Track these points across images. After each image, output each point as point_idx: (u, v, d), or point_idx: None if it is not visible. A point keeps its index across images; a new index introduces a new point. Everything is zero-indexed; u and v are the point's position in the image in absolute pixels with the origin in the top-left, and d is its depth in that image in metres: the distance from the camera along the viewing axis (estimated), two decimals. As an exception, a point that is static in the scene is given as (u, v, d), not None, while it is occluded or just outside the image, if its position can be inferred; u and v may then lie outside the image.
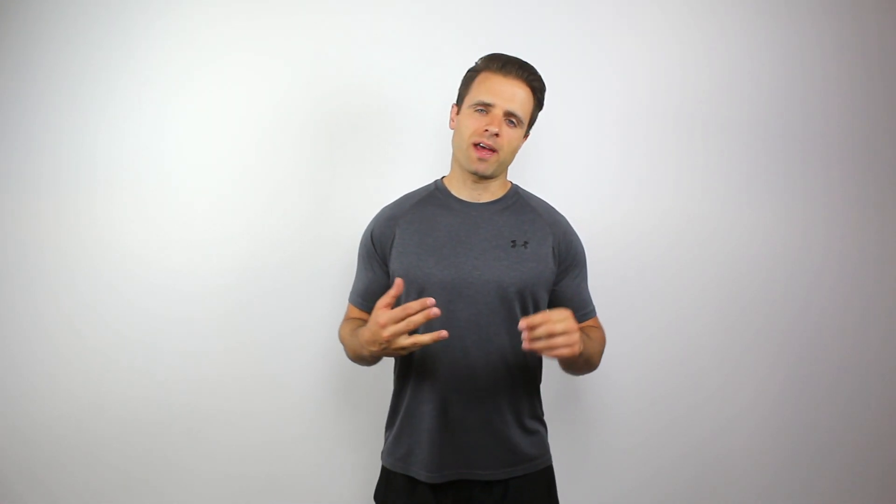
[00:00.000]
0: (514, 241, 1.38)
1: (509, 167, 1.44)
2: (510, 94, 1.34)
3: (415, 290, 1.36)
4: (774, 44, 1.82)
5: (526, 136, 1.43)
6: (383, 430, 1.48)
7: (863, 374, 1.81)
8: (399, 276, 1.37)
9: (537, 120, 1.44)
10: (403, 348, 1.19)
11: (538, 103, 1.41)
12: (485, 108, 1.34)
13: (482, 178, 1.39)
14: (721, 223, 1.81)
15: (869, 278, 1.82)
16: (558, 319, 1.16)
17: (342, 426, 1.83)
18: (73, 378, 1.78)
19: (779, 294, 1.82)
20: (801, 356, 1.82)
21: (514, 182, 1.49)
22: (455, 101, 1.44)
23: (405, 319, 1.17)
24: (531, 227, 1.40)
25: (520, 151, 1.42)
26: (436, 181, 1.48)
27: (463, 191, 1.42)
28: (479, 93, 1.35)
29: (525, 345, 1.17)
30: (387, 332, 1.18)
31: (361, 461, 1.79)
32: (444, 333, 1.18)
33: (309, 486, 1.82)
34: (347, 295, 1.52)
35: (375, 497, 1.45)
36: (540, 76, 1.39)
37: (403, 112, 1.79)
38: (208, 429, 1.80)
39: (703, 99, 1.81)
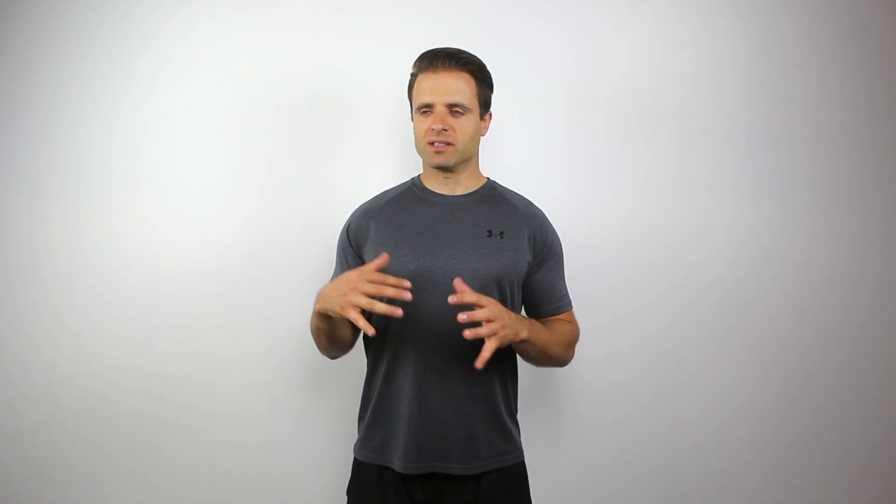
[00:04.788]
0: (490, 231, 1.39)
1: (483, 160, 1.46)
2: (444, 87, 1.35)
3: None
4: (768, 36, 1.82)
5: (486, 117, 1.44)
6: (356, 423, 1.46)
7: (861, 377, 1.81)
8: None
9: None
10: (355, 307, 1.17)
11: (482, 82, 1.40)
12: (427, 108, 1.37)
13: (448, 169, 1.41)
14: (717, 222, 1.82)
15: (864, 279, 1.82)
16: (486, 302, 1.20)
17: (317, 422, 1.82)
18: (73, 376, 1.80)
19: (775, 295, 1.81)
20: (798, 358, 1.81)
21: (490, 178, 1.51)
22: None
23: (377, 284, 1.17)
24: (507, 219, 1.42)
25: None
26: (412, 178, 1.50)
27: (437, 185, 1.45)
28: (418, 96, 1.39)
29: (468, 333, 1.18)
30: (353, 279, 1.18)
31: (337, 456, 1.77)
32: (398, 311, 1.17)
33: (283, 482, 1.81)
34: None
35: (348, 491, 1.43)
36: (471, 58, 1.39)
37: (382, 111, 1.82)
38: (188, 426, 1.81)
39: (695, 96, 1.83)
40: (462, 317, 1.18)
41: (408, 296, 1.18)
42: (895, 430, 1.82)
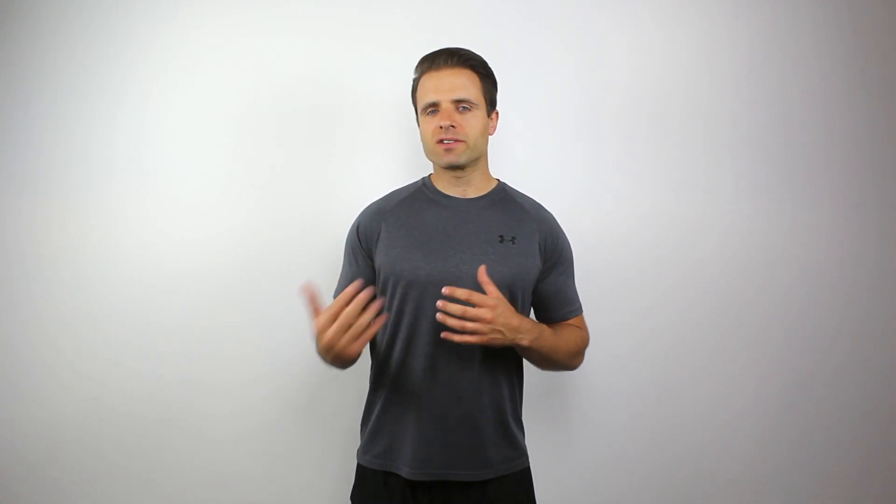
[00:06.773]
0: (501, 237, 1.38)
1: (490, 162, 1.46)
2: (448, 84, 1.35)
3: (402, 284, 1.36)
4: (769, 37, 1.83)
5: (493, 115, 1.44)
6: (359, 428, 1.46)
7: (860, 375, 1.82)
8: (385, 270, 1.38)
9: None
10: (353, 347, 1.17)
11: (486, 79, 1.40)
12: (433, 107, 1.37)
13: (459, 168, 1.39)
14: (719, 223, 1.82)
15: (863, 278, 1.82)
16: (479, 302, 1.20)
17: (318, 424, 1.81)
18: (73, 376, 1.79)
19: (776, 295, 1.82)
20: (801, 357, 1.82)
21: (500, 180, 1.50)
22: None
23: (343, 322, 1.15)
24: (518, 223, 1.41)
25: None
26: (423, 178, 1.49)
27: (448, 188, 1.43)
28: (423, 96, 1.39)
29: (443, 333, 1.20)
30: (326, 338, 1.16)
31: (339, 460, 1.76)
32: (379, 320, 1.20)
33: (284, 485, 1.80)
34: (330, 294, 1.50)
35: (352, 496, 1.42)
36: (473, 54, 1.39)
37: (383, 112, 1.81)
38: (188, 427, 1.81)
39: (698, 98, 1.83)
40: (445, 334, 1.20)
41: (373, 307, 1.19)
42: (894, 429, 1.82)
